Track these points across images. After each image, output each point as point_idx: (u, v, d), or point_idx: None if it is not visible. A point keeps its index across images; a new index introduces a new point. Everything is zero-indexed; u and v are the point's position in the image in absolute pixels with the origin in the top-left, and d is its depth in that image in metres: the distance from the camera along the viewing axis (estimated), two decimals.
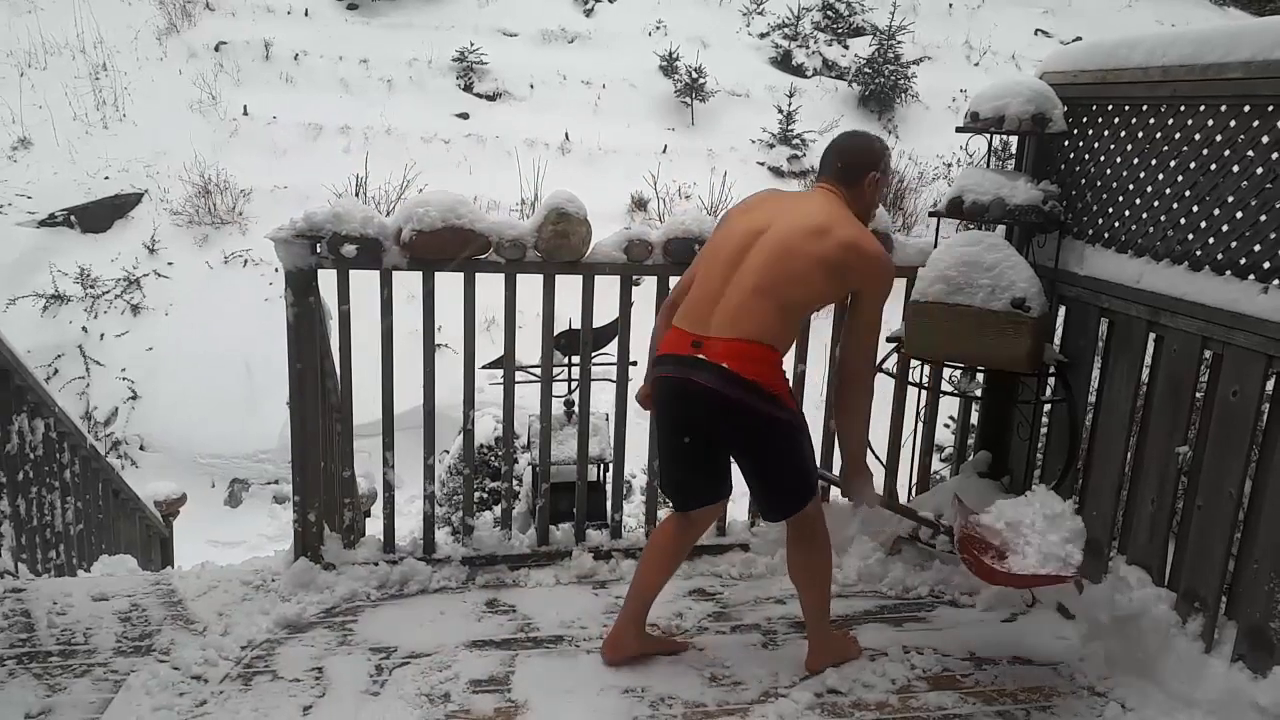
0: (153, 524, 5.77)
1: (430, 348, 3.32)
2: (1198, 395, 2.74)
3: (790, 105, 11.97)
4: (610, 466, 3.60)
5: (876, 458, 3.57)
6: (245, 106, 11.27)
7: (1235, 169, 2.58)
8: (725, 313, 2.55)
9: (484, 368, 3.40)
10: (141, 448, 8.09)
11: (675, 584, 3.33)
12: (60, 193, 9.73)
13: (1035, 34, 15.19)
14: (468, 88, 12.54)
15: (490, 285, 3.30)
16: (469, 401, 3.36)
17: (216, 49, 12.27)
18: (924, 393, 3.53)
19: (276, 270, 7.79)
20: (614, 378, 3.46)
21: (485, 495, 5.22)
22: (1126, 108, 2.97)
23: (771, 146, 12.08)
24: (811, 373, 3.54)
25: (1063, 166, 3.26)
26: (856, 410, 2.73)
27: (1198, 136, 2.70)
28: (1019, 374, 3.26)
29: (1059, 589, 3.02)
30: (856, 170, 2.72)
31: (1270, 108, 2.47)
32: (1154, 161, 2.86)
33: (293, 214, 3.15)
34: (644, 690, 2.69)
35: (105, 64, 11.51)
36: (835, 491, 3.59)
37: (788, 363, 3.52)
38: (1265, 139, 2.49)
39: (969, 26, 15.05)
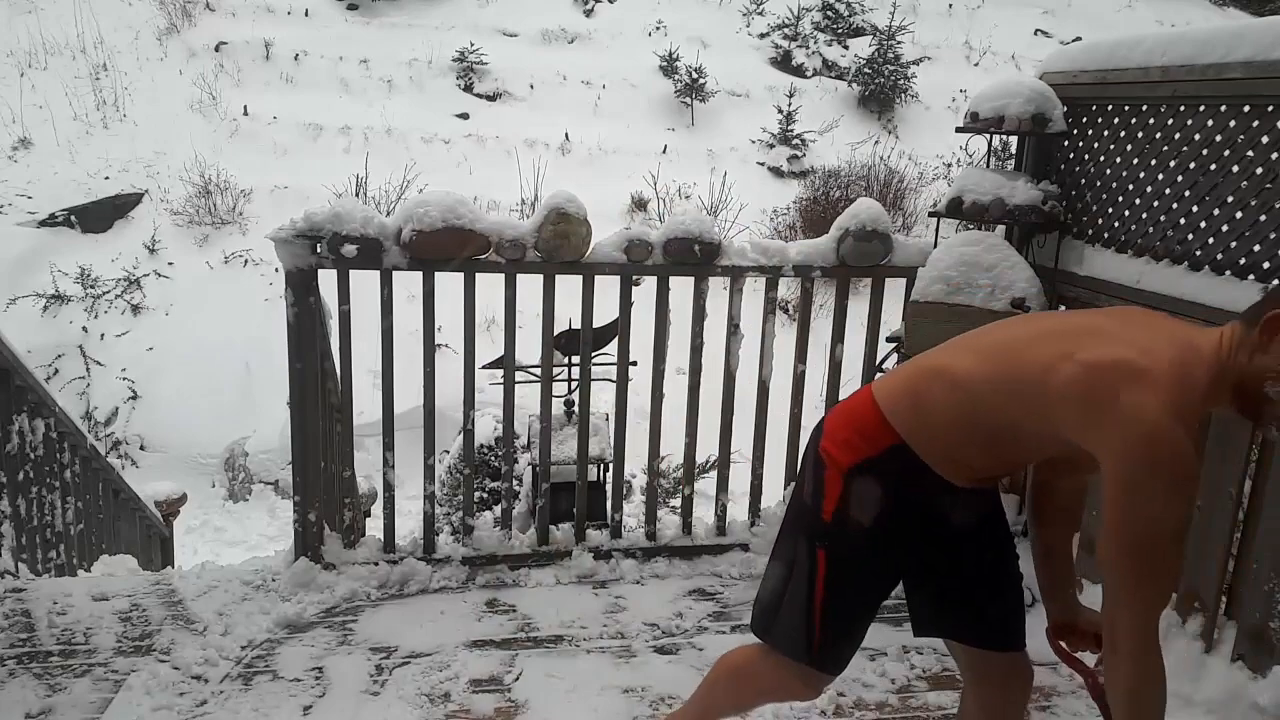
0: (153, 524, 5.77)
1: (430, 348, 3.32)
2: None
3: (790, 105, 11.98)
4: (610, 466, 3.60)
5: None
6: (245, 107, 11.27)
7: (1235, 169, 2.58)
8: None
9: (484, 368, 3.40)
10: (142, 448, 8.09)
11: (675, 584, 3.34)
12: (60, 193, 9.73)
13: (1035, 34, 15.20)
14: (468, 88, 12.54)
15: (490, 285, 3.30)
16: (469, 401, 3.36)
17: (217, 49, 12.28)
18: None
19: (277, 270, 7.80)
20: (614, 378, 3.46)
21: (485, 495, 5.22)
22: (1126, 108, 2.97)
23: (771, 147, 12.09)
24: (812, 373, 3.53)
25: (1062, 166, 3.26)
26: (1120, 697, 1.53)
27: (1198, 136, 2.70)
28: None
29: None
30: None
31: (1270, 108, 2.48)
32: (1154, 161, 2.86)
33: (293, 214, 3.15)
34: (644, 690, 2.69)
35: (105, 64, 11.51)
36: None
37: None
38: (1265, 139, 2.49)
39: (969, 26, 15.06)
